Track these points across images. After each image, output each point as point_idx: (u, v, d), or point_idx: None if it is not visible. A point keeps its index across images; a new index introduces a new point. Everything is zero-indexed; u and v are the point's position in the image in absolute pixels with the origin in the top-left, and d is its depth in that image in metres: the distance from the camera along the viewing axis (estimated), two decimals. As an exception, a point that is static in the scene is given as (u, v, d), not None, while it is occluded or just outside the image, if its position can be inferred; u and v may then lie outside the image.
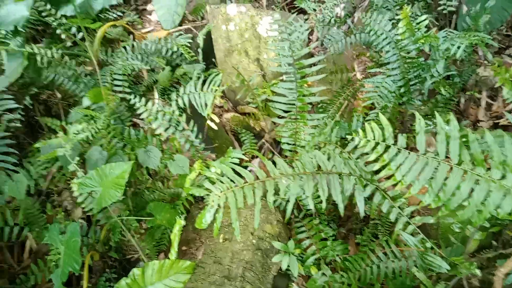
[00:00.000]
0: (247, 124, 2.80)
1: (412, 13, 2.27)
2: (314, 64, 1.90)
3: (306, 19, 3.37)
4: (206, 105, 1.76)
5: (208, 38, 2.73)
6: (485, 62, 2.57)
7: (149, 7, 3.16)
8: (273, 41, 2.58)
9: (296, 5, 3.54)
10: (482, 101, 2.51)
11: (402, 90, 2.00)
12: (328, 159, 1.28)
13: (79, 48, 2.58)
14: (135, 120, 2.41)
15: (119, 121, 2.14)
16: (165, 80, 2.42)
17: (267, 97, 2.15)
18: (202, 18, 2.96)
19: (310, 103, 1.98)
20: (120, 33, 2.77)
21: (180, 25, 2.87)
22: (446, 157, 1.06)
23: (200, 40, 2.53)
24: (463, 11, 2.31)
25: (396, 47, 1.95)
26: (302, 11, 3.48)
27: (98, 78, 2.11)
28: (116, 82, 2.15)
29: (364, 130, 1.10)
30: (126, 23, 2.85)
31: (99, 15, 2.80)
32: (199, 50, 2.64)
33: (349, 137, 1.32)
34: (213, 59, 2.79)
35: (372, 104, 2.13)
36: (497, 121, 2.40)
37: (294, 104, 1.85)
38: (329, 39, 2.33)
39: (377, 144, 1.04)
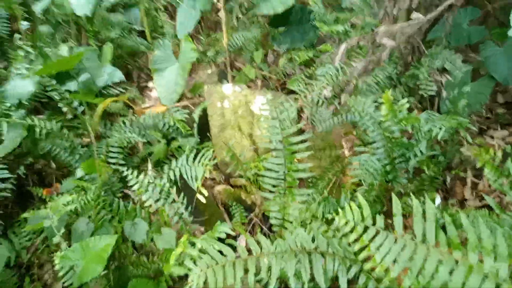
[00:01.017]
0: (239, 197, 2.81)
1: (394, 98, 2.43)
2: (304, 141, 1.98)
3: (296, 99, 3.58)
4: (196, 178, 1.80)
5: (204, 114, 2.87)
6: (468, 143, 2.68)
7: (150, 84, 3.37)
8: (265, 119, 2.72)
9: (287, 87, 3.78)
10: (468, 179, 2.56)
11: (387, 168, 2.06)
12: (313, 239, 1.28)
13: (79, 121, 2.69)
14: (126, 191, 2.43)
15: (110, 192, 2.16)
16: (160, 152, 2.49)
17: (257, 172, 2.20)
18: (200, 96, 3.14)
19: (300, 179, 2.02)
20: (121, 107, 2.91)
21: (178, 101, 3.03)
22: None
23: (196, 116, 2.66)
24: (443, 95, 2.47)
25: (380, 128, 2.06)
26: (293, 92, 3.70)
27: (94, 150, 2.18)
28: (111, 154, 2.22)
29: (343, 209, 1.12)
30: (127, 99, 3.01)
31: (102, 90, 2.97)
32: (195, 125, 2.76)
33: (334, 215, 1.34)
34: (208, 134, 2.90)
35: (360, 181, 2.18)
36: (484, 200, 2.43)
37: (283, 179, 1.89)
38: (318, 118, 2.46)
39: (356, 224, 1.05)
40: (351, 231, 1.05)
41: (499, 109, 3.32)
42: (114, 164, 2.21)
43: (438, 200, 2.29)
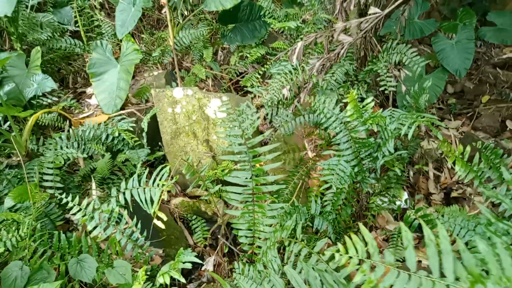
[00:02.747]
0: (198, 208, 2.59)
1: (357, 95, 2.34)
2: (265, 143, 1.82)
3: (252, 98, 3.41)
4: (152, 201, 1.57)
5: (154, 121, 2.61)
6: (427, 136, 2.68)
7: (88, 90, 3.02)
8: (222, 122, 2.52)
9: (241, 85, 3.60)
10: (430, 173, 2.56)
11: (356, 169, 1.96)
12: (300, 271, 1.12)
13: (6, 137, 2.31)
14: (68, 216, 2.12)
15: (49, 221, 1.85)
16: (104, 168, 2.20)
17: (221, 187, 2.01)
18: (147, 101, 2.86)
19: (264, 184, 1.86)
20: (55, 119, 2.56)
21: (122, 108, 2.73)
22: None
23: (144, 124, 2.39)
24: (402, 90, 2.43)
25: (346, 129, 1.95)
26: (247, 92, 3.53)
27: (25, 172, 1.85)
28: (46, 177, 1.89)
29: (344, 243, 0.96)
30: (61, 109, 2.66)
31: (32, 101, 2.59)
32: (144, 134, 2.49)
33: (327, 252, 1.15)
34: (160, 142, 2.64)
35: (326, 182, 2.07)
36: (447, 192, 2.43)
37: (250, 194, 1.71)
38: (278, 120, 2.31)
39: (361, 261, 0.89)
40: (356, 267, 0.87)
41: (450, 100, 3.40)
42: (50, 187, 1.89)
43: (405, 196, 2.24)
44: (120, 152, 2.43)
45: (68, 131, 2.34)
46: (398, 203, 2.15)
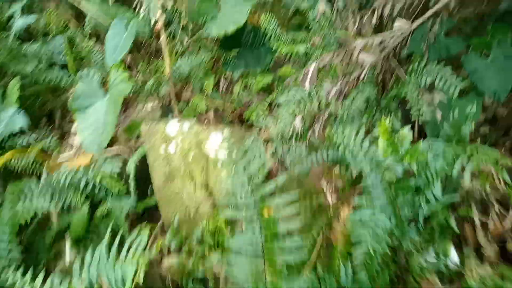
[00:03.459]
0: (197, 270, 2.16)
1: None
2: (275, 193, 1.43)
3: (259, 130, 3.04)
4: (124, 282, 1.14)
5: (144, 162, 2.23)
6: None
7: (73, 128, 2.67)
8: (224, 164, 2.13)
9: (246, 117, 3.23)
10: (476, 219, 2.09)
11: (392, 221, 1.53)
12: None
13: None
14: None
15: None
16: (79, 225, 1.81)
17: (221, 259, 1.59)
18: (137, 137, 2.49)
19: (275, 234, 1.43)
20: (30, 163, 2.19)
21: (109, 146, 2.37)
22: None
23: (130, 168, 2.01)
24: (438, 117, 2.03)
25: (378, 169, 1.54)
26: (252, 125, 3.16)
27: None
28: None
29: None
30: (40, 150, 2.30)
31: (5, 141, 2.25)
32: (130, 180, 2.10)
33: None
34: (150, 187, 2.25)
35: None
36: (501, 245, 1.96)
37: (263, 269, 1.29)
38: (290, 158, 1.91)
39: None
40: None
41: (482, 128, 2.97)
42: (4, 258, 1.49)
43: (453, 253, 1.79)
44: (103, 202, 2.04)
45: (39, 178, 1.96)
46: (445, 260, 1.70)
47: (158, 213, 2.42)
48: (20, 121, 2.13)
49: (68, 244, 1.86)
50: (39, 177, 2.13)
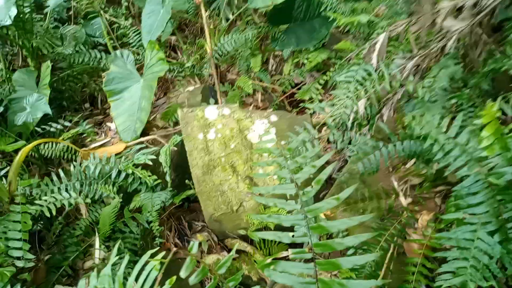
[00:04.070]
0: (238, 269, 1.89)
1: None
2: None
3: (311, 115, 2.67)
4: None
5: (182, 151, 1.98)
6: None
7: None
8: (270, 155, 1.81)
9: (297, 99, 2.88)
10: None
11: (496, 238, 1.12)
12: None
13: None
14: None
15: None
16: (109, 220, 1.60)
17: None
18: (176, 124, 2.24)
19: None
20: (64, 150, 2.03)
21: (146, 134, 2.14)
22: None
23: (161, 158, 1.76)
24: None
25: (480, 171, 1.13)
26: (304, 108, 2.80)
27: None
28: (12, 243, 1.31)
29: None
30: (76, 136, 2.14)
31: (37, 127, 2.10)
32: (166, 169, 1.86)
33: None
34: (188, 179, 2.00)
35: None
36: None
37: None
38: (354, 151, 1.55)
39: None
40: None
41: None
42: (19, 258, 1.30)
43: None
44: (137, 194, 1.82)
45: (70, 166, 1.78)
46: None
47: (198, 205, 2.19)
48: (42, 107, 1.96)
49: (97, 241, 1.67)
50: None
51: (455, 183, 1.64)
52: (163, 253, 0.95)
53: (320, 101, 2.75)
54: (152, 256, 0.99)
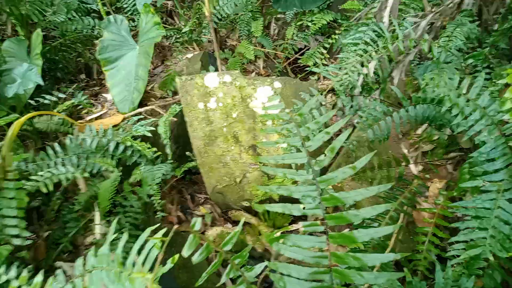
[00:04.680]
0: (243, 243, 1.86)
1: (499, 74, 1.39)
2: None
3: (316, 81, 2.56)
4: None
5: (182, 121, 1.90)
6: None
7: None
8: (275, 123, 1.73)
9: (301, 65, 2.76)
10: None
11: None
12: None
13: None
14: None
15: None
16: (108, 195, 1.54)
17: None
18: (175, 93, 2.15)
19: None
20: (60, 123, 1.95)
21: (144, 105, 2.06)
22: None
23: (161, 129, 1.69)
24: None
25: (500, 135, 1.05)
26: (310, 73, 2.69)
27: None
28: (7, 220, 1.26)
29: None
30: (71, 108, 2.06)
31: (31, 100, 2.01)
32: (166, 141, 1.79)
33: None
34: (189, 151, 1.93)
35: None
36: None
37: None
38: (363, 117, 1.46)
39: None
40: None
41: None
42: (16, 236, 1.25)
43: None
44: (137, 167, 1.76)
45: (66, 140, 1.71)
46: None
47: (200, 177, 2.13)
48: (34, 77, 1.86)
49: (97, 216, 1.63)
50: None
51: (468, 149, 1.57)
52: (165, 229, 0.88)
53: (325, 66, 2.63)
54: (154, 233, 0.93)
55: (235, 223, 2.00)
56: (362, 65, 1.63)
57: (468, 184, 1.04)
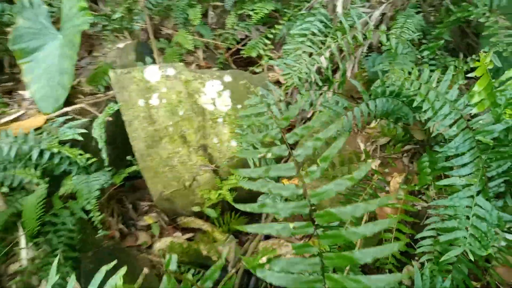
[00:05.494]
0: (196, 252, 1.70)
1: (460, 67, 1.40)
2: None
3: (261, 72, 2.46)
4: None
5: (118, 120, 1.67)
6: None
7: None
8: (226, 120, 1.60)
9: (244, 57, 2.63)
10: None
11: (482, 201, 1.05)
12: None
13: None
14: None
15: None
16: (35, 212, 1.29)
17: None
18: (107, 89, 1.89)
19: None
20: (-38, 127, 1.60)
21: (71, 103, 1.78)
22: None
23: (95, 132, 1.46)
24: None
25: (468, 129, 1.03)
26: (250, 63, 2.58)
27: None
28: None
29: None
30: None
31: None
32: (101, 145, 1.56)
33: None
34: (128, 155, 1.71)
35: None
36: None
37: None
38: (324, 111, 1.38)
39: None
40: None
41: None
42: None
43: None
44: (66, 177, 1.51)
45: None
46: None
47: (141, 181, 1.92)
48: None
49: (22, 238, 1.36)
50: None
51: (421, 141, 1.58)
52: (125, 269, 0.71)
53: (270, 58, 2.54)
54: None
55: (184, 230, 1.83)
56: (311, 56, 1.56)
57: (445, 182, 1.01)
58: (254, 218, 2.04)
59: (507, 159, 1.04)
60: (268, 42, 2.52)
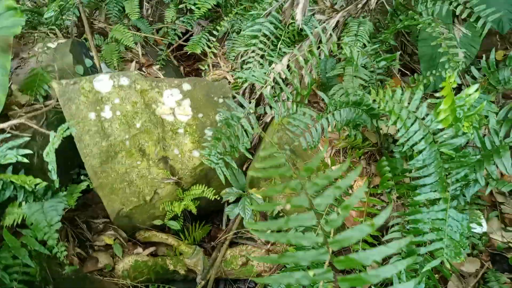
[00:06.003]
0: (163, 268, 1.64)
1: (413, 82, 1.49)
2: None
3: (207, 70, 2.39)
4: None
5: (67, 137, 1.50)
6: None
7: None
8: (187, 130, 1.54)
9: (188, 53, 2.52)
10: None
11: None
12: None
13: None
14: None
15: None
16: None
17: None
18: (47, 98, 1.68)
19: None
20: None
21: (6, 117, 1.55)
22: None
23: (50, 157, 1.30)
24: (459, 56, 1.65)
25: (433, 142, 1.13)
26: (197, 60, 2.50)
27: None
28: None
29: None
30: None
31: None
32: (50, 166, 1.39)
33: None
34: (75, 168, 1.56)
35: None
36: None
37: None
38: (294, 124, 1.39)
39: None
40: None
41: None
42: None
43: (483, 219, 1.55)
44: (11, 205, 1.33)
45: None
46: (477, 229, 1.46)
47: (92, 196, 1.78)
48: None
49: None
50: None
51: (376, 144, 1.69)
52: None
53: (215, 55, 2.47)
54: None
55: (145, 244, 1.75)
56: (269, 64, 1.55)
57: (422, 197, 1.09)
58: (215, 223, 2.02)
59: (465, 167, 1.17)
60: (212, 38, 2.45)
